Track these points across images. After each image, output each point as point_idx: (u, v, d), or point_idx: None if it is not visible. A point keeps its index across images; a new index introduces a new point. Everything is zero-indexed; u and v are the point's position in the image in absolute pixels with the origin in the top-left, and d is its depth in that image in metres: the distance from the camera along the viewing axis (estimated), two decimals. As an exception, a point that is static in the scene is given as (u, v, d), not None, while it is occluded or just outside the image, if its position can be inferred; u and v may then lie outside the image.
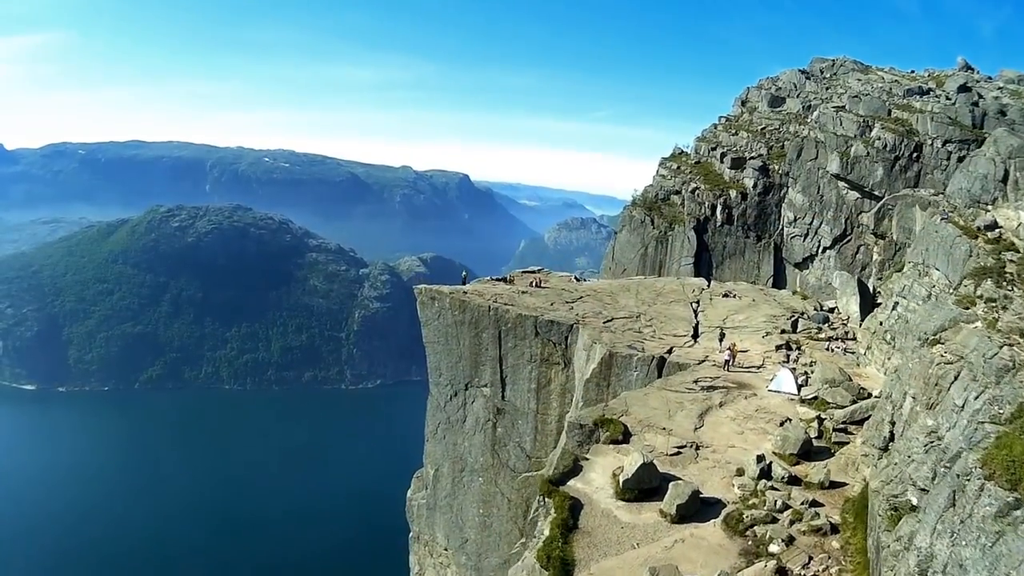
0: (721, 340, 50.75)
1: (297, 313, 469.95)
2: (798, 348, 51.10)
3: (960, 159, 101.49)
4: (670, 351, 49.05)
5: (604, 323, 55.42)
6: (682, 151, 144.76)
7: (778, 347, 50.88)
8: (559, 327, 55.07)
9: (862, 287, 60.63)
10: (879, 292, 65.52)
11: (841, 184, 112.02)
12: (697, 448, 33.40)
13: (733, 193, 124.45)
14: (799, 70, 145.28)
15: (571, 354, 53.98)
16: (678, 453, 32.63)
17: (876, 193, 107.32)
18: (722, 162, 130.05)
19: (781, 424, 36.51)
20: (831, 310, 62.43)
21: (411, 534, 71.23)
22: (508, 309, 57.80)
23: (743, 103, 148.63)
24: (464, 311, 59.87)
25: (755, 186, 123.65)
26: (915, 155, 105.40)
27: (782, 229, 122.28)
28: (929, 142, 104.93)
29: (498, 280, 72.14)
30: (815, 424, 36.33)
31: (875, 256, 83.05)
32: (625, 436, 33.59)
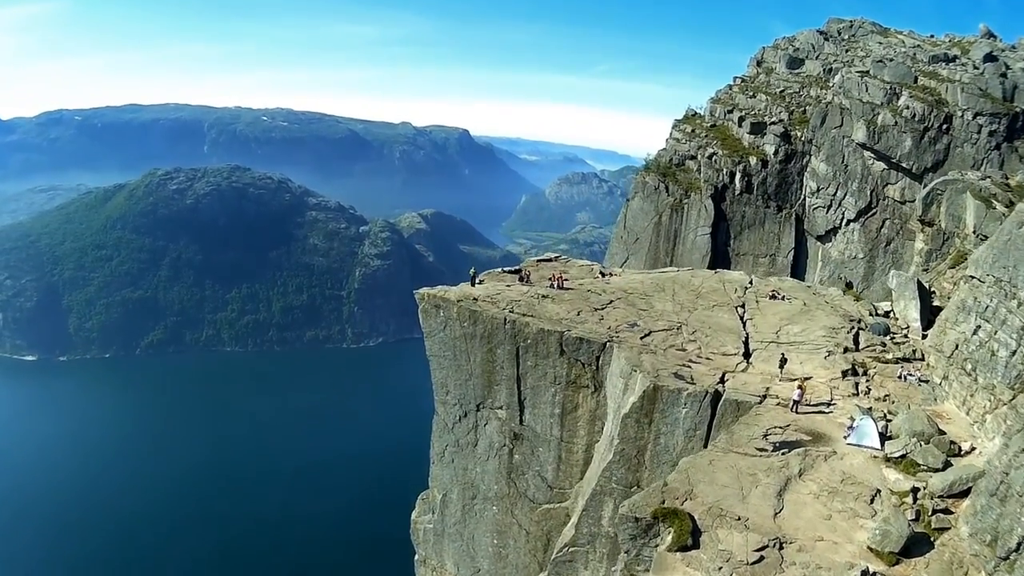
0: (782, 366, 43.94)
1: (297, 272, 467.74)
2: (866, 374, 44.60)
3: (991, 133, 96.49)
4: (723, 379, 42.21)
5: (641, 339, 48.47)
6: (695, 113, 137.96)
7: (844, 373, 44.07)
8: (589, 346, 47.67)
9: (922, 291, 53.95)
10: (934, 291, 59.30)
11: (867, 154, 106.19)
12: (781, 547, 27.17)
13: (753, 160, 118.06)
14: (816, 31, 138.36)
15: (603, 376, 47.08)
16: (760, 560, 26.43)
17: (904, 165, 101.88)
18: (740, 126, 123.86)
19: (871, 501, 30.38)
20: (886, 314, 55.94)
21: (417, 557, 65.60)
22: (527, 322, 50.39)
23: (759, 63, 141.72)
24: (475, 323, 52.46)
25: (776, 153, 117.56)
26: (945, 127, 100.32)
27: (804, 199, 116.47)
28: (959, 114, 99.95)
29: (511, 273, 65.54)
30: (909, 499, 30.32)
31: (920, 245, 76.94)
32: (694, 538, 27.32)
